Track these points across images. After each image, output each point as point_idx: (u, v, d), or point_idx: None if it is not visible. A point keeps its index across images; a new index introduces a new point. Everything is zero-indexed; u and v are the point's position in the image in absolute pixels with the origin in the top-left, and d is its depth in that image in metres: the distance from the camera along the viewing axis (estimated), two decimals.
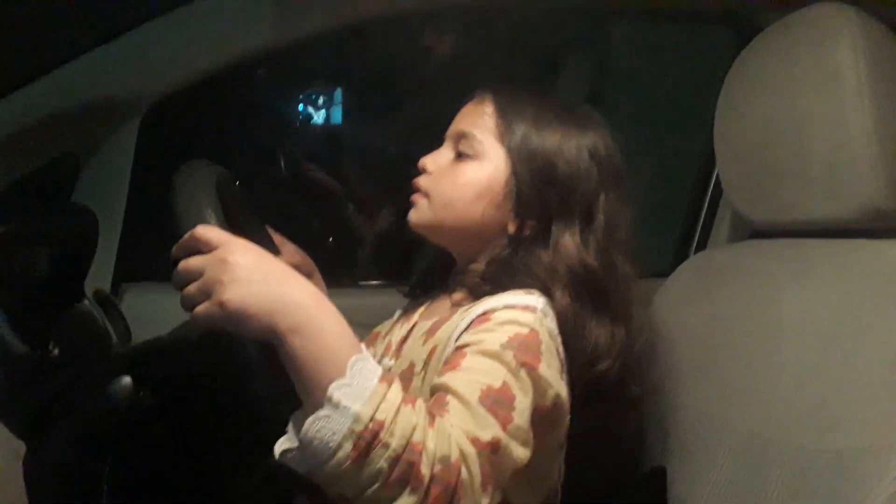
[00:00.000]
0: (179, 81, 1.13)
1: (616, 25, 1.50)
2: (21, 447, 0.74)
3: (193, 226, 0.60)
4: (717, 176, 1.30)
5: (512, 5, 1.20)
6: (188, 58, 1.12)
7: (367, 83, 1.72)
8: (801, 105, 0.80)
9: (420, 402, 0.59)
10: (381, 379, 0.57)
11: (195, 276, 0.58)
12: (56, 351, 0.77)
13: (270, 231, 0.93)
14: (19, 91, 0.98)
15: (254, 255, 0.59)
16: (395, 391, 0.57)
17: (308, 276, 0.96)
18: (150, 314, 1.10)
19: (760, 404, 0.78)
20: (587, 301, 0.76)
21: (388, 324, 0.95)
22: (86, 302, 0.81)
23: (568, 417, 0.75)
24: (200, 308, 0.57)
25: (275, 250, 0.90)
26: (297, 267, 0.93)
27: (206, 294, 0.57)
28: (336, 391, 0.55)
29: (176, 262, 0.60)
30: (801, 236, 0.85)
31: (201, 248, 0.59)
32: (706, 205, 1.36)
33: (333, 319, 0.59)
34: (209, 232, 0.60)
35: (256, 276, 0.57)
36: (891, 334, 0.69)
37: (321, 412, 0.55)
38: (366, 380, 0.56)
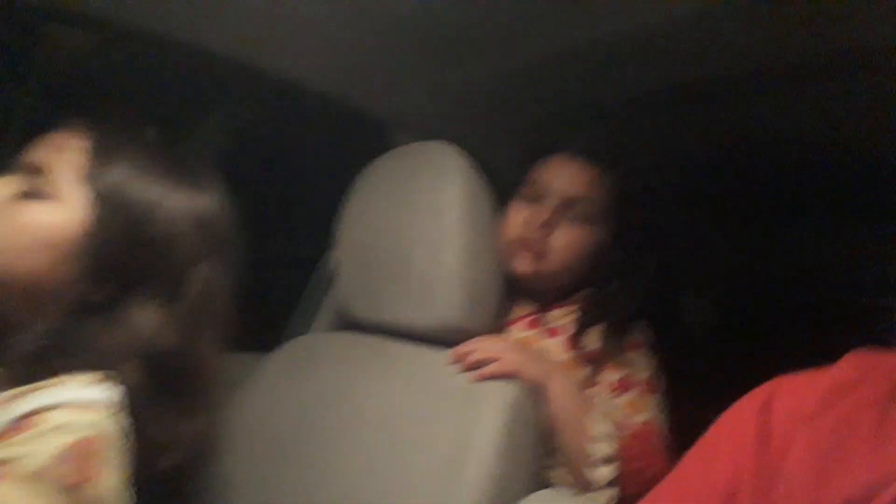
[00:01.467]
0: None
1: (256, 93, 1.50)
2: None
3: None
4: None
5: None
6: None
7: None
8: (413, 222, 0.91)
9: None
10: None
11: None
12: None
13: None
14: None
15: None
16: None
17: None
18: None
19: (337, 496, 0.83)
20: (163, 386, 0.66)
21: None
22: None
23: None
24: None
25: None
26: None
27: None
28: None
29: None
30: (394, 336, 0.95)
31: None
32: (314, 289, 1.42)
33: None
34: None
35: None
36: (445, 435, 0.80)
37: None
38: None
